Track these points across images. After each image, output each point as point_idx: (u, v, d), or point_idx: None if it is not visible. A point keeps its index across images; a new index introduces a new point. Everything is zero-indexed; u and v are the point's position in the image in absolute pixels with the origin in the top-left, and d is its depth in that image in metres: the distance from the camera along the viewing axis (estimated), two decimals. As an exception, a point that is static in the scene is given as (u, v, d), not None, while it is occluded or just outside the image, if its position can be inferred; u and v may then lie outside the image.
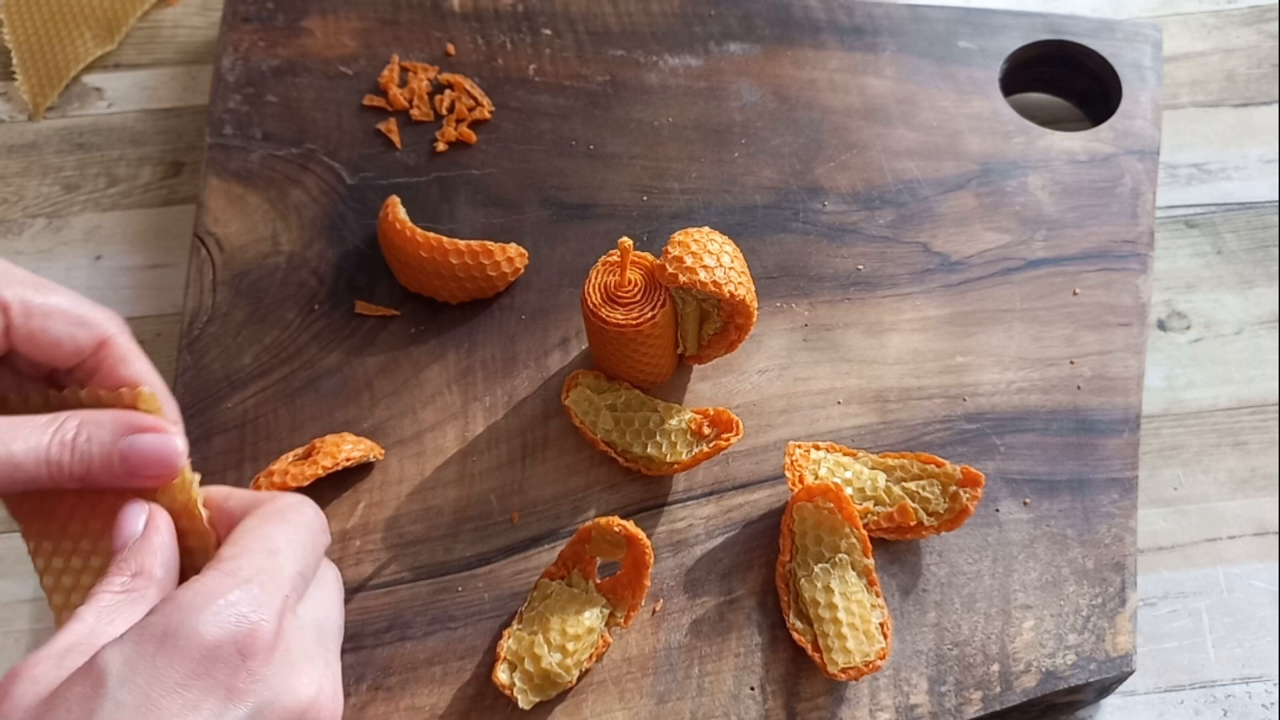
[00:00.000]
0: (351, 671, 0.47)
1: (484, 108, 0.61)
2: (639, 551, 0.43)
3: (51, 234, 0.63)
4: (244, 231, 0.58)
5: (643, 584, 0.44)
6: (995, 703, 0.46)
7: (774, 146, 0.60)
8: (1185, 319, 0.60)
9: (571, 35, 0.64)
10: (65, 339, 0.36)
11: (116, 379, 0.37)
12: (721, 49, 0.63)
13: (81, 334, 0.37)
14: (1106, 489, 0.51)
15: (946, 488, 0.48)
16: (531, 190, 0.59)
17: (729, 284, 0.45)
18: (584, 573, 0.45)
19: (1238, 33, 0.70)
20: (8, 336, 0.36)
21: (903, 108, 0.61)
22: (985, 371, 0.54)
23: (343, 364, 0.54)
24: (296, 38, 0.64)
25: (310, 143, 0.60)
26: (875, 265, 0.57)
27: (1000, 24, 0.64)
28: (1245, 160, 0.65)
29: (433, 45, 0.63)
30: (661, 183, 0.59)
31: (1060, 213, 0.58)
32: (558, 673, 0.43)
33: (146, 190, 0.65)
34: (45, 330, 0.36)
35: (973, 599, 0.48)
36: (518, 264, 0.55)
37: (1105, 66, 0.62)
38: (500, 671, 0.44)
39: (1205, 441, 0.56)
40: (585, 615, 0.44)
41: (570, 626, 0.44)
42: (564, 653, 0.43)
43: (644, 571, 0.43)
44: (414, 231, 0.54)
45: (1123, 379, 0.54)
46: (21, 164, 0.65)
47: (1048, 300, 0.56)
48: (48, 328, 0.36)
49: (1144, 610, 0.52)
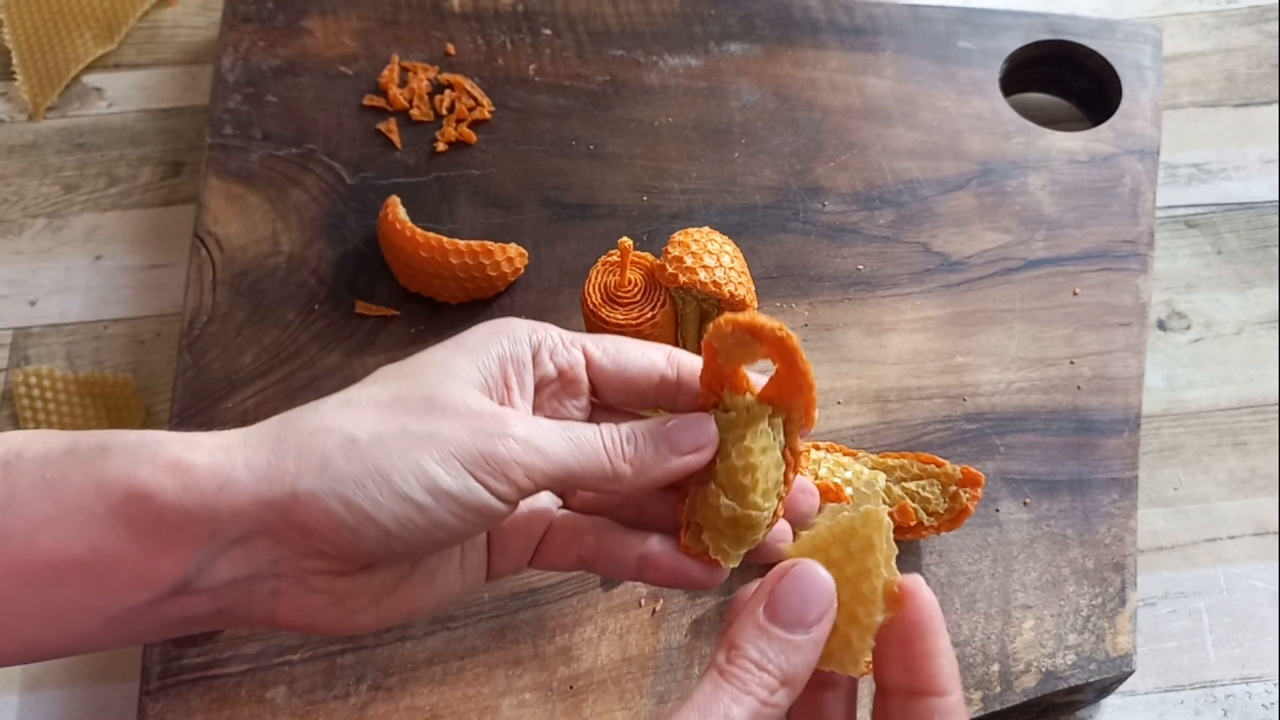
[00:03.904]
0: (351, 671, 0.47)
1: (484, 108, 0.61)
2: (776, 341, 0.33)
3: (51, 234, 0.63)
4: (244, 231, 0.58)
5: (802, 374, 0.34)
6: (995, 703, 0.46)
7: (774, 146, 0.60)
8: (1185, 319, 0.60)
9: (571, 35, 0.64)
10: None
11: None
12: (721, 49, 0.63)
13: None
14: (1106, 489, 0.51)
15: (946, 488, 0.48)
16: (531, 190, 0.59)
17: (729, 284, 0.45)
18: (736, 389, 0.35)
19: (1238, 33, 0.70)
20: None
21: (903, 108, 0.61)
22: (985, 371, 0.54)
23: (343, 364, 0.54)
24: (296, 38, 0.64)
25: (310, 143, 0.60)
26: (875, 265, 0.57)
27: (1000, 24, 0.64)
28: (1245, 160, 0.65)
29: (433, 45, 0.63)
30: (661, 183, 0.59)
31: (1060, 213, 0.58)
32: (745, 514, 0.34)
33: (146, 190, 0.65)
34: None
35: (973, 599, 0.48)
36: (518, 264, 0.55)
37: (1105, 66, 0.62)
38: (688, 539, 0.35)
39: (1205, 441, 0.56)
40: (755, 434, 0.35)
41: (739, 457, 0.34)
42: (744, 489, 0.34)
43: (795, 358, 0.33)
44: (414, 231, 0.54)
45: (1123, 379, 0.54)
46: (21, 164, 0.65)
47: (1048, 300, 0.56)
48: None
49: (1144, 610, 0.52)
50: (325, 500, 0.28)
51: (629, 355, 0.34)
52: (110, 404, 0.58)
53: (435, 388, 0.31)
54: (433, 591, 0.33)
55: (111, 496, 0.28)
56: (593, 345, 0.34)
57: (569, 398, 0.34)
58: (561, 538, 0.35)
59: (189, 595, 0.29)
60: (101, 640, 0.30)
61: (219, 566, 0.29)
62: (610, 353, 0.34)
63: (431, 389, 0.31)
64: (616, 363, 0.34)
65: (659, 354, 0.34)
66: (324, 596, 0.30)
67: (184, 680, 0.47)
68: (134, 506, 0.28)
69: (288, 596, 0.30)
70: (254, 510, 0.29)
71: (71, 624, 0.29)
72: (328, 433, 0.29)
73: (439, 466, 0.29)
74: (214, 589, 0.29)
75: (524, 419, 0.31)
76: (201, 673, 0.47)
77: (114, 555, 0.28)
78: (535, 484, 0.30)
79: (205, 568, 0.29)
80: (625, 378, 0.34)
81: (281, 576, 0.30)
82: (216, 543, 0.29)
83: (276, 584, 0.30)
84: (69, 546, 0.28)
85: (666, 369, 0.34)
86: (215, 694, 0.47)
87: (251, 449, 0.29)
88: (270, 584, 0.30)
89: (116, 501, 0.28)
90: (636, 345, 0.35)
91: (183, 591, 0.29)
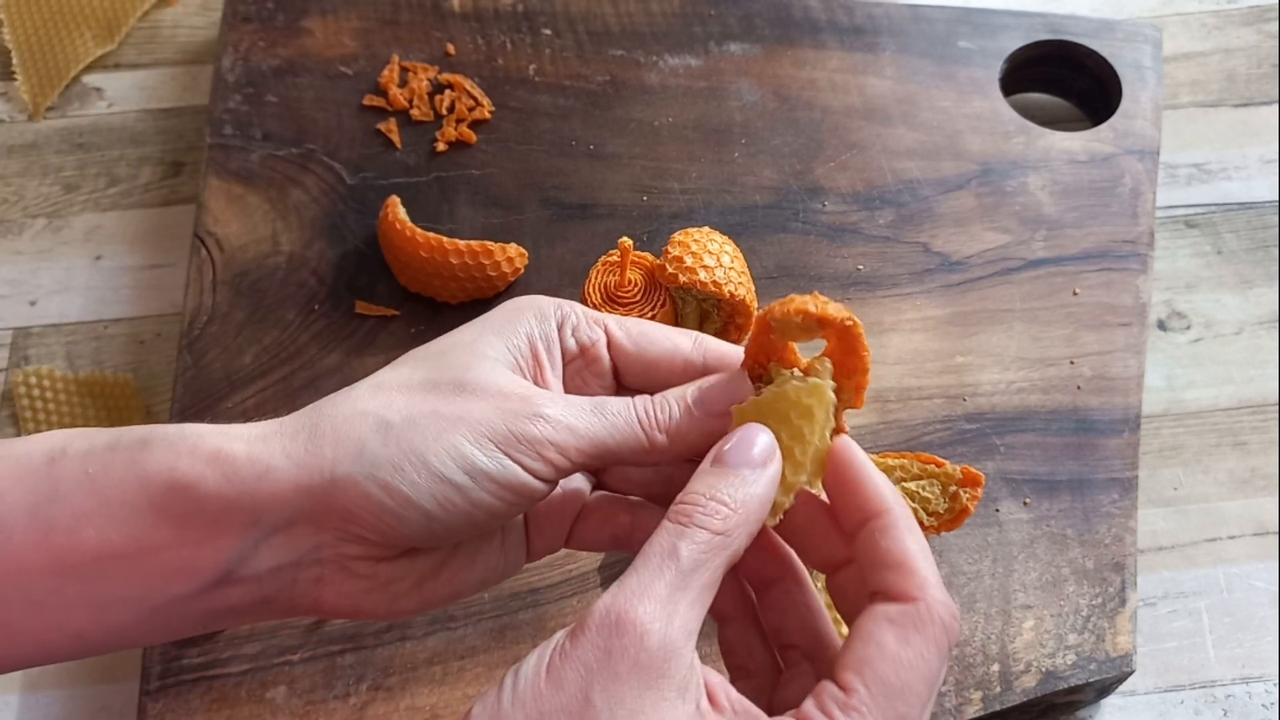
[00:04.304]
0: (351, 671, 0.47)
1: (484, 108, 0.61)
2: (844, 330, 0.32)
3: (51, 234, 0.63)
4: (244, 231, 0.58)
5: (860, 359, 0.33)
6: (995, 703, 0.46)
7: (774, 146, 0.60)
8: (1185, 319, 0.60)
9: (571, 35, 0.64)
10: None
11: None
12: (721, 49, 0.63)
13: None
14: (1106, 489, 0.51)
15: (946, 488, 0.48)
16: (531, 190, 0.59)
17: (729, 284, 0.45)
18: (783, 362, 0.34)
19: (1238, 33, 0.70)
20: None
21: (903, 108, 0.61)
22: (985, 371, 0.54)
23: (343, 364, 0.54)
24: (296, 38, 0.64)
25: (310, 143, 0.60)
26: (875, 265, 0.57)
27: (1000, 24, 0.64)
28: (1245, 160, 0.65)
29: (433, 45, 0.63)
30: (661, 183, 0.59)
31: (1060, 213, 0.58)
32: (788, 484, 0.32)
33: (146, 190, 0.65)
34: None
35: (973, 599, 0.48)
36: (518, 264, 0.55)
37: (1105, 66, 0.62)
38: None
39: (1205, 441, 0.56)
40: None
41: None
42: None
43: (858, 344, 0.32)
44: (414, 231, 0.54)
45: (1123, 379, 0.54)
46: (21, 164, 0.65)
47: (1048, 300, 0.56)
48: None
49: (1144, 610, 0.52)
50: (364, 485, 0.29)
51: (650, 337, 0.34)
52: (110, 404, 0.58)
53: (465, 369, 0.31)
54: (475, 573, 0.33)
55: (153, 489, 0.29)
56: (615, 324, 0.34)
57: (593, 376, 0.34)
58: (597, 517, 0.35)
59: (232, 585, 0.29)
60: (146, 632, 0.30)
61: (261, 554, 0.29)
62: (632, 334, 0.34)
63: (462, 370, 0.31)
64: (637, 344, 0.34)
65: (684, 339, 0.34)
66: (367, 581, 0.30)
67: (184, 680, 0.47)
68: (175, 498, 0.29)
69: (331, 583, 0.30)
70: (294, 497, 0.29)
71: (116, 615, 0.29)
72: (362, 417, 0.30)
73: (474, 447, 0.29)
74: (258, 577, 0.29)
75: (556, 398, 0.31)
76: (201, 673, 0.47)
77: (156, 546, 0.29)
78: (571, 462, 0.30)
79: (248, 556, 0.29)
80: (646, 359, 0.34)
81: (324, 563, 0.30)
82: (258, 531, 0.29)
83: (319, 570, 0.30)
84: (111, 539, 0.29)
85: (691, 353, 0.34)
86: (215, 694, 0.47)
87: (288, 437, 0.30)
88: (313, 571, 0.30)
89: (158, 494, 0.29)
90: (661, 328, 0.34)
91: (226, 581, 0.29)
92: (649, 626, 0.26)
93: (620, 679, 0.26)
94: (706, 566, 0.28)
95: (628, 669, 0.26)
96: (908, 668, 0.27)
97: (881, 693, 0.27)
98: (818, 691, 0.27)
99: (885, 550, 0.29)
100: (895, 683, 0.27)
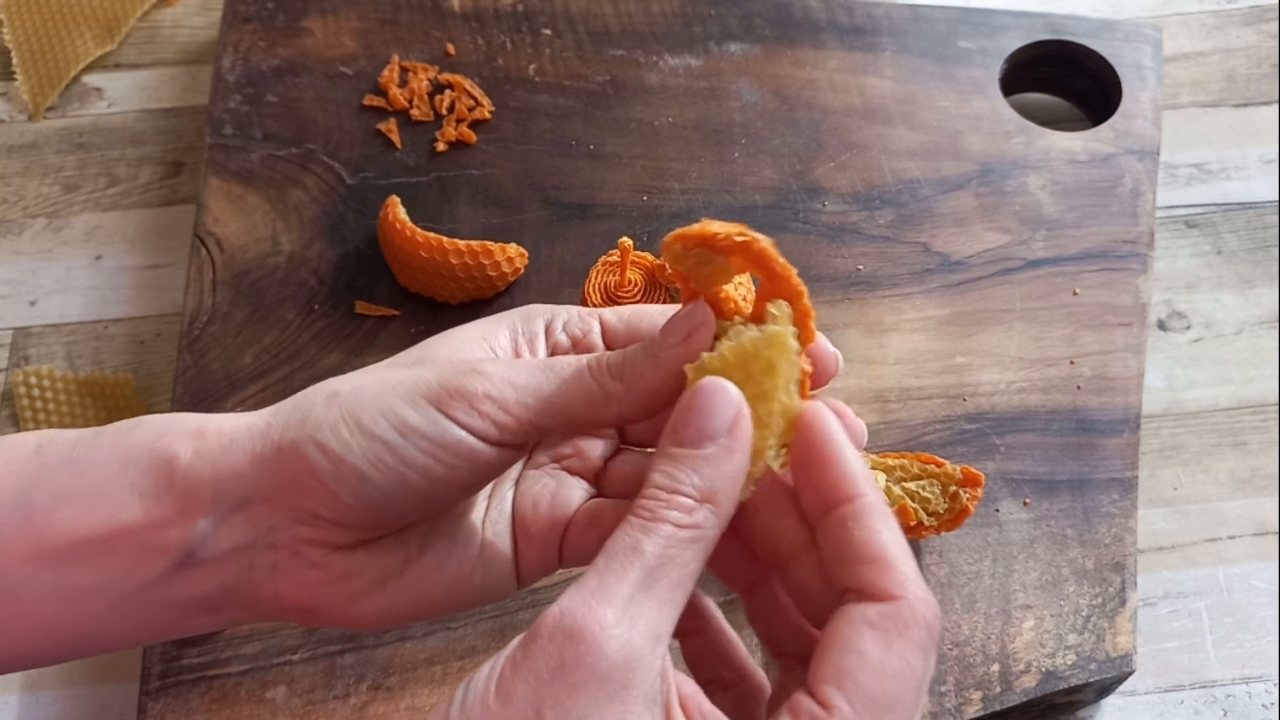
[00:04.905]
0: (351, 671, 0.47)
1: (484, 108, 0.61)
2: (741, 248, 0.29)
3: (51, 234, 0.63)
4: (244, 231, 0.58)
5: (784, 280, 0.29)
6: (995, 703, 0.46)
7: (774, 146, 0.60)
8: (1185, 319, 0.60)
9: (571, 35, 0.64)
10: None
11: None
12: (721, 49, 0.63)
13: None
14: (1106, 489, 0.51)
15: (946, 488, 0.48)
16: (531, 190, 0.59)
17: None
18: (721, 314, 0.31)
19: (1238, 33, 0.70)
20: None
21: (903, 108, 0.61)
22: (985, 371, 0.54)
23: (343, 364, 0.54)
24: (296, 38, 0.64)
25: (310, 143, 0.60)
26: (875, 265, 0.57)
27: (1000, 24, 0.64)
28: (1245, 160, 0.65)
29: (433, 45, 0.63)
30: (661, 183, 0.59)
31: (1060, 213, 0.58)
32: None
33: (146, 190, 0.65)
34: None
35: (973, 599, 0.48)
36: (518, 264, 0.55)
37: (1105, 66, 0.62)
38: None
39: (1205, 441, 0.56)
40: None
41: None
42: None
43: (771, 263, 0.28)
44: (414, 231, 0.54)
45: (1123, 379, 0.54)
46: (21, 164, 0.65)
47: (1048, 300, 0.56)
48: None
49: (1144, 610, 0.52)
50: (304, 447, 0.28)
51: (642, 315, 0.33)
52: (110, 404, 0.58)
53: (429, 349, 0.31)
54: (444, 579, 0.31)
55: (135, 468, 0.29)
56: (609, 313, 0.34)
57: None
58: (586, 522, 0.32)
59: (194, 568, 0.29)
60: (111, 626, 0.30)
61: (220, 535, 0.29)
62: (624, 315, 0.33)
63: (426, 350, 0.31)
64: (629, 323, 0.33)
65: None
66: (322, 572, 0.29)
67: (184, 680, 0.47)
68: (153, 475, 0.29)
69: (286, 571, 0.30)
70: (250, 469, 0.29)
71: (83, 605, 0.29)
72: (317, 390, 0.30)
73: (405, 404, 0.28)
74: (217, 560, 0.29)
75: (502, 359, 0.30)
76: (201, 673, 0.47)
77: (128, 526, 0.29)
78: (516, 419, 0.28)
79: (209, 535, 0.29)
80: (638, 336, 0.32)
81: (279, 548, 0.29)
82: (219, 509, 0.29)
83: (274, 557, 0.30)
84: (88, 518, 0.29)
85: None
86: (215, 694, 0.47)
87: (258, 416, 0.30)
88: (269, 556, 0.30)
89: (138, 473, 0.29)
90: (656, 307, 0.34)
91: (188, 564, 0.29)
92: (609, 632, 0.24)
93: (576, 691, 0.23)
94: (675, 562, 0.25)
95: (584, 679, 0.24)
96: (893, 677, 0.25)
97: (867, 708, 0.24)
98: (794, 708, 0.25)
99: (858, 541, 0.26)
100: (881, 696, 0.24)
